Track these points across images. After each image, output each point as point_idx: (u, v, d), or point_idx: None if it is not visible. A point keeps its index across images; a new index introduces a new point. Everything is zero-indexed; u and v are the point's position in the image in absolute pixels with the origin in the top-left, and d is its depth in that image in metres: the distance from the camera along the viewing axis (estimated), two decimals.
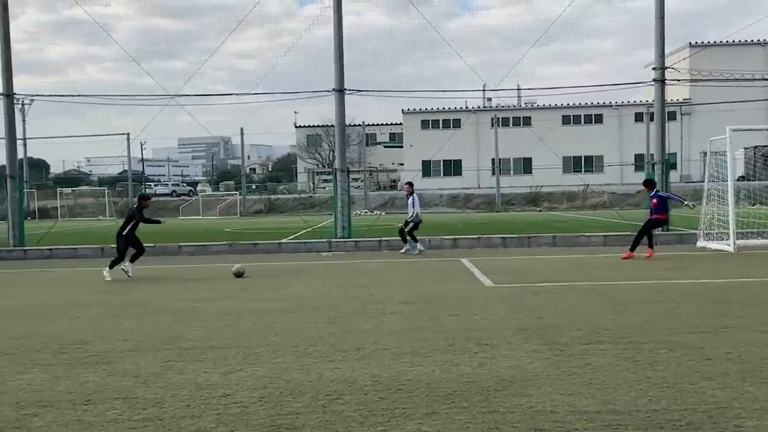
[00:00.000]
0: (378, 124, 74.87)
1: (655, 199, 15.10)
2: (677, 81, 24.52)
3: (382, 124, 75.42)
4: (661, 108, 20.29)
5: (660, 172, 19.89)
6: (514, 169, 61.46)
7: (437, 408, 4.80)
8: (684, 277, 11.85)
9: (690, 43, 58.39)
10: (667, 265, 13.49)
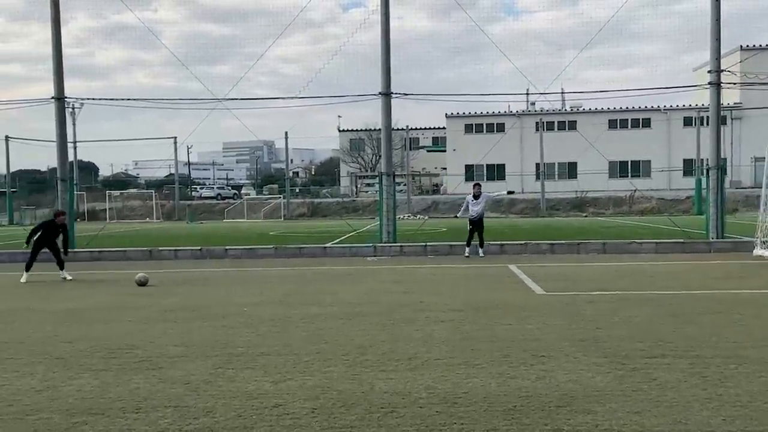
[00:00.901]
0: (421, 128, 74.57)
1: None
2: (733, 84, 23.80)
3: (425, 128, 75.10)
4: (717, 112, 19.68)
5: (714, 178, 19.31)
6: (559, 174, 60.64)
7: (497, 425, 4.59)
8: (744, 287, 11.39)
9: (741, 46, 56.95)
10: (725, 275, 13.03)
